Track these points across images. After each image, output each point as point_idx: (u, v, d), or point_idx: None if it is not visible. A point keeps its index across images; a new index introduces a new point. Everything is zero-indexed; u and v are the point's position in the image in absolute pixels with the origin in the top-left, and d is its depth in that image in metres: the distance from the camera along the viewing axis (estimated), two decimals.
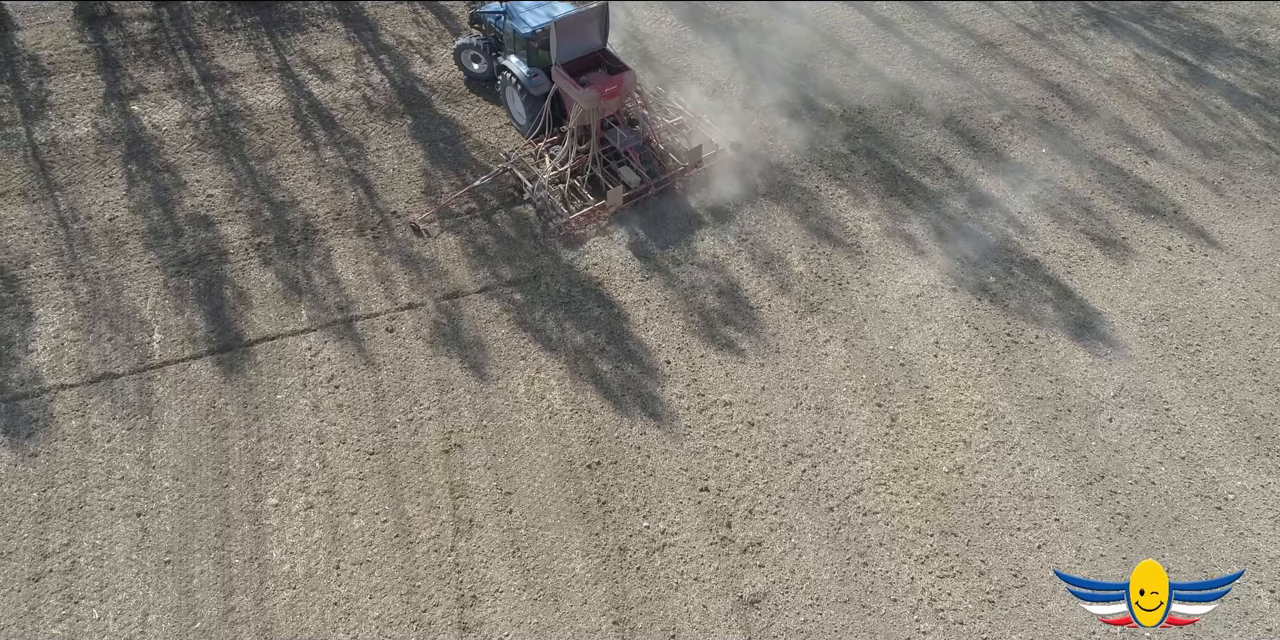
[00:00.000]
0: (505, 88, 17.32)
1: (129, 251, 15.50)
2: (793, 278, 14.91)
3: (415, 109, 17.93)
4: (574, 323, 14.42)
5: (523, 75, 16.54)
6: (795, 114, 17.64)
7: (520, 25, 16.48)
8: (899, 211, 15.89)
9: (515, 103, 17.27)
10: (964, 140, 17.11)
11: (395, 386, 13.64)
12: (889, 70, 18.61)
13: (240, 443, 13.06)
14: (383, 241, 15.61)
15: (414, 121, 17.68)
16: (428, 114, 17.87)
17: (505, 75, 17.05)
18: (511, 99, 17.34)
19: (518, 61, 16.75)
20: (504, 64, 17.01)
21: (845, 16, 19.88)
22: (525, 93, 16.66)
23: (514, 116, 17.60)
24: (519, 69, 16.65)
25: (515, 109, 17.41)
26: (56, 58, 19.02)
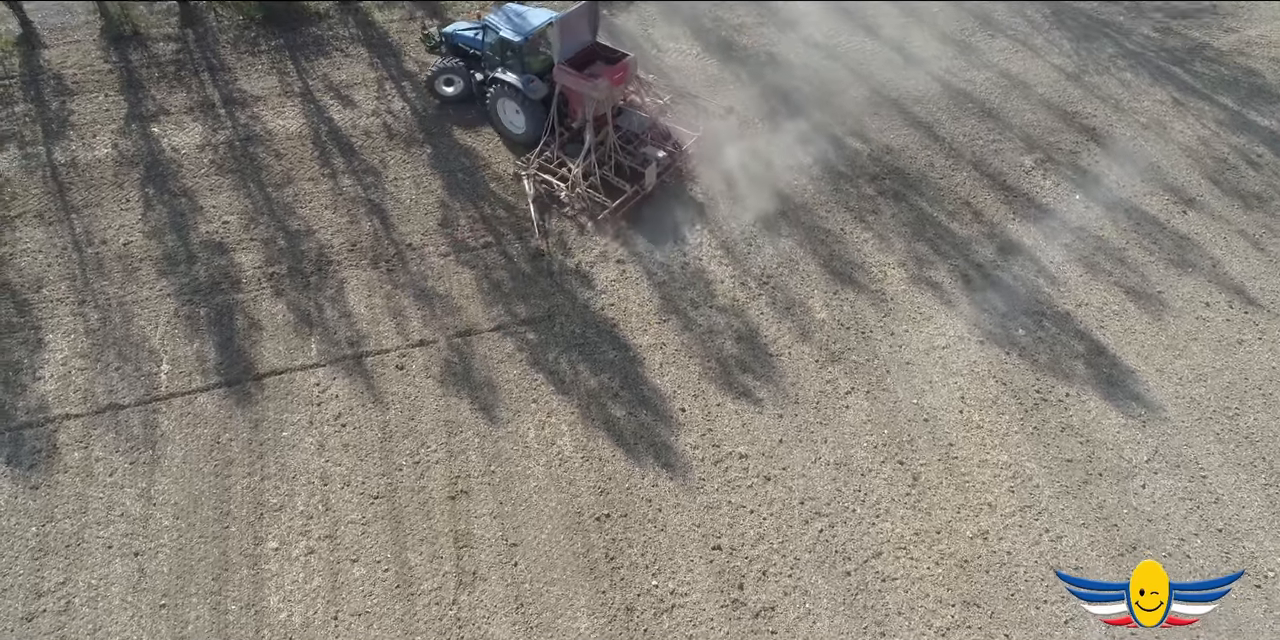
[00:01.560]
0: (496, 102, 17.18)
1: (142, 278, 15.34)
2: (814, 325, 14.49)
3: (435, 138, 17.74)
4: (588, 365, 14.07)
5: (519, 83, 16.57)
6: (821, 152, 17.27)
7: (510, 34, 16.48)
8: (926, 257, 15.45)
9: (510, 114, 17.21)
10: (994, 184, 16.68)
11: (403, 427, 13.32)
12: (918, 109, 18.22)
13: (243, 481, 12.77)
14: (396, 274, 15.36)
15: (433, 151, 17.48)
16: (447, 143, 17.67)
17: (496, 88, 16.97)
18: (504, 112, 17.26)
19: (508, 71, 16.80)
20: (495, 77, 16.92)
21: (874, 52, 19.53)
22: (525, 100, 16.67)
23: (508, 129, 17.48)
24: (512, 78, 16.67)
25: (511, 121, 17.32)
26: (81, 77, 19.03)
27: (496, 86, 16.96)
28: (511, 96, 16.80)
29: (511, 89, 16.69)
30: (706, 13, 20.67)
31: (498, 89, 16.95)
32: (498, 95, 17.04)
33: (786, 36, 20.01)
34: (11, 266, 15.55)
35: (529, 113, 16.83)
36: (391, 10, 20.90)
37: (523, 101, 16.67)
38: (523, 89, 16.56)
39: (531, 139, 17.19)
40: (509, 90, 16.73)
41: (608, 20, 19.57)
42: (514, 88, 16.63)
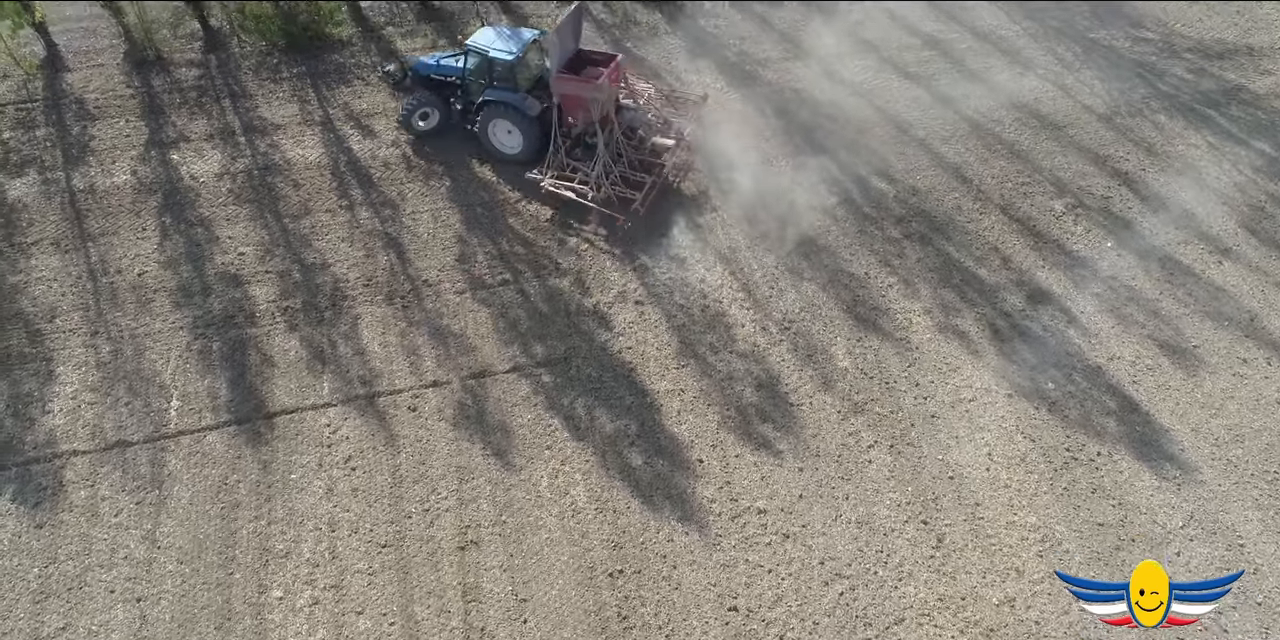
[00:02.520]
0: (488, 125, 17.05)
1: (155, 309, 15.18)
2: (836, 373, 14.13)
3: (454, 169, 17.57)
4: (604, 410, 13.74)
5: (516, 101, 16.55)
6: (846, 193, 16.97)
7: (499, 55, 16.44)
8: (952, 305, 15.07)
9: (502, 136, 17.13)
10: (1023, 229, 16.30)
11: (414, 472, 13.03)
12: (946, 149, 17.90)
13: (249, 525, 12.50)
14: (411, 311, 15.13)
15: (452, 184, 17.30)
16: (467, 176, 17.49)
17: (488, 110, 16.87)
18: (495, 134, 17.17)
19: (499, 92, 16.75)
20: (486, 100, 16.80)
21: (901, 90, 19.25)
22: (521, 117, 16.66)
23: (501, 152, 17.36)
24: (507, 97, 16.67)
25: (503, 142, 17.23)
26: (102, 102, 19.03)
27: (488, 109, 16.88)
28: (506, 116, 16.77)
29: (506, 109, 16.68)
30: (731, 47, 20.49)
31: (489, 111, 16.87)
32: (489, 118, 16.93)
33: (811, 72, 19.76)
34: (26, 295, 15.45)
35: (525, 130, 16.85)
36: (414, 38, 20.86)
37: (518, 120, 16.72)
38: (521, 107, 16.63)
39: (528, 157, 17.20)
40: (503, 110, 16.71)
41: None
42: (509, 107, 16.65)
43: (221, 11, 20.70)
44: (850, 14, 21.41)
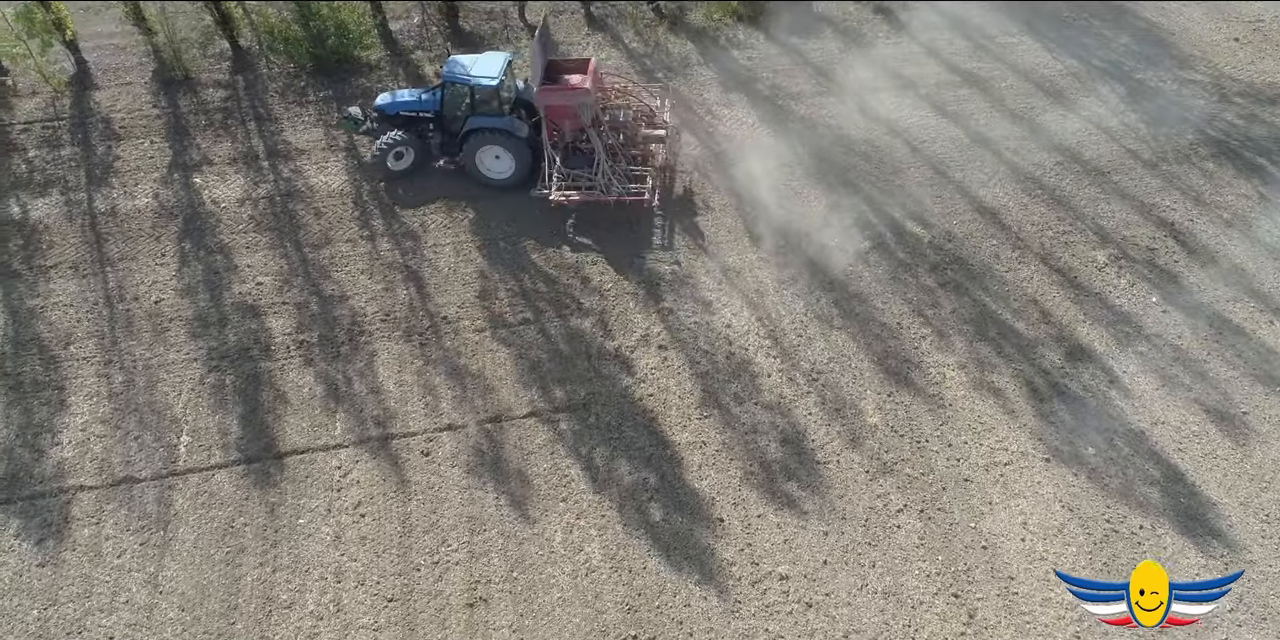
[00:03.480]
0: (475, 153, 16.87)
1: (170, 339, 14.94)
2: (865, 430, 13.58)
3: (478, 201, 17.24)
4: (623, 461, 13.27)
5: (505, 124, 16.52)
6: (879, 237, 16.44)
7: (482, 82, 16.38)
8: (988, 360, 14.48)
9: (490, 162, 17.00)
10: (1064, 280, 15.68)
11: (424, 521, 12.62)
12: (984, 193, 17.34)
13: (254, 572, 12.14)
14: (429, 349, 14.77)
15: (475, 216, 16.97)
16: (491, 207, 17.15)
17: (475, 138, 16.69)
18: (483, 162, 17.01)
19: (484, 118, 16.61)
20: (473, 128, 16.62)
21: (939, 129, 18.71)
22: (510, 140, 16.59)
23: (491, 178, 17.18)
24: (494, 122, 16.58)
25: (490, 168, 17.08)
26: (129, 122, 18.94)
27: (476, 137, 16.70)
28: (495, 141, 16.67)
29: (495, 133, 16.59)
30: (764, 80, 20.06)
31: (477, 139, 16.71)
32: (476, 145, 16.77)
33: (846, 108, 19.28)
34: (43, 319, 15.28)
35: (516, 153, 16.79)
36: (442, 62, 20.62)
37: (510, 143, 16.65)
38: (512, 130, 16.60)
39: (519, 180, 17.07)
40: (491, 136, 16.61)
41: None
42: (498, 131, 16.57)
43: (251, 32, 20.62)
44: (888, 48, 20.98)
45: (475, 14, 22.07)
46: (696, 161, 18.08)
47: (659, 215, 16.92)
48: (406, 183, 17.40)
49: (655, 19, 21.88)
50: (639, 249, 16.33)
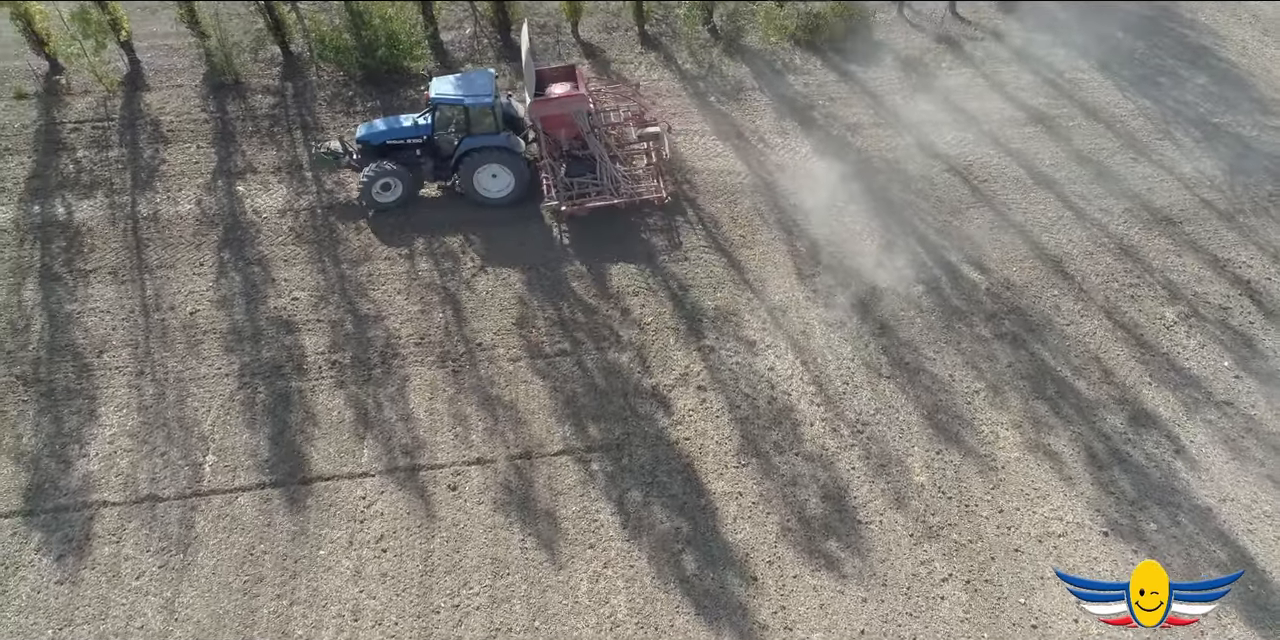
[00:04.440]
0: (473, 174, 16.54)
1: (203, 352, 14.75)
2: (911, 489, 12.93)
3: (523, 222, 16.86)
4: (656, 507, 12.76)
5: (503, 142, 16.28)
6: (934, 281, 15.75)
7: (476, 101, 16.00)
8: (1045, 420, 13.74)
9: (488, 181, 16.70)
10: (1129, 338, 14.87)
11: (447, 560, 12.23)
12: (1046, 239, 16.56)
13: (271, 604, 11.83)
14: (463, 377, 14.40)
15: (518, 238, 16.58)
16: (533, 230, 16.77)
17: (471, 159, 16.38)
18: (480, 181, 16.68)
19: (480, 138, 16.31)
20: (469, 149, 16.30)
21: (1002, 168, 17.96)
22: (510, 157, 16.27)
23: (489, 198, 16.83)
24: (492, 141, 16.27)
25: (492, 187, 16.78)
26: (177, 125, 18.88)
27: (473, 157, 16.38)
28: (493, 159, 16.39)
29: (493, 151, 16.32)
30: (821, 108, 19.47)
31: (474, 159, 16.40)
32: (473, 166, 16.45)
33: (904, 141, 18.62)
34: (79, 325, 15.18)
35: (515, 170, 16.54)
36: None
37: (510, 160, 16.41)
38: (510, 146, 16.39)
39: (519, 196, 16.81)
40: (489, 154, 16.33)
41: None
42: (496, 149, 16.31)
43: (303, 39, 20.50)
44: (951, 79, 20.25)
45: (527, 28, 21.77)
46: (746, 190, 17.57)
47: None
48: (433, 204, 17.12)
49: (711, 40, 21.42)
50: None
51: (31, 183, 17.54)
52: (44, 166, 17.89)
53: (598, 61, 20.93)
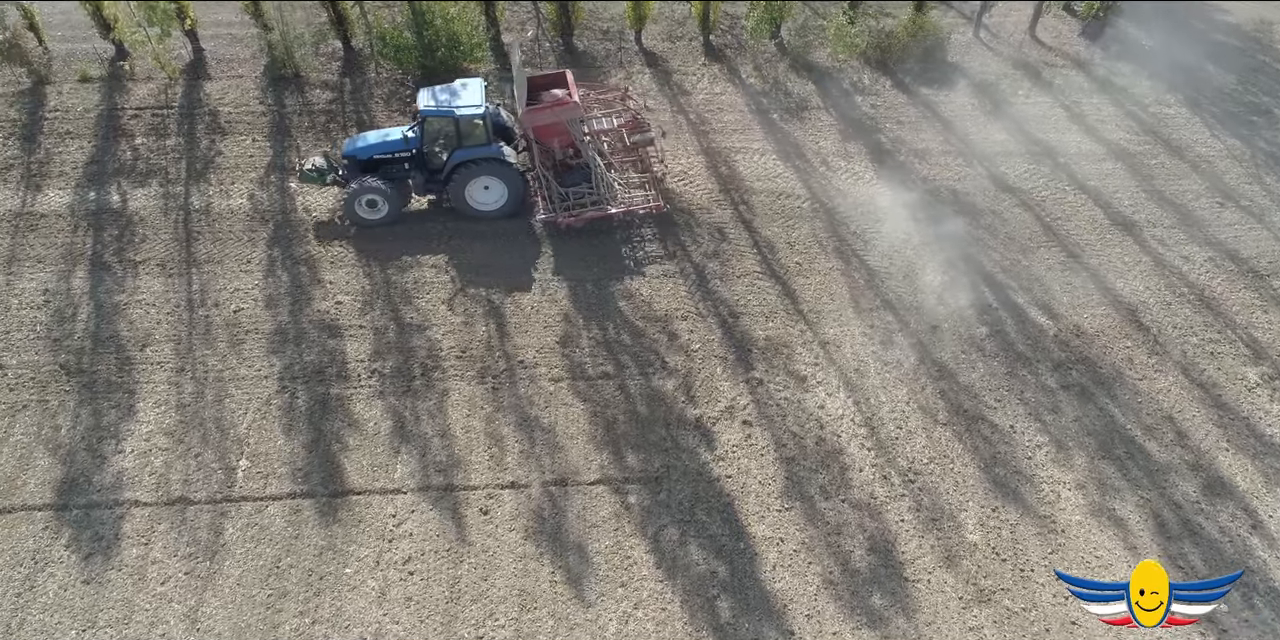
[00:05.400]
0: (464, 187, 16.14)
1: (245, 352, 14.58)
2: (963, 548, 12.25)
3: (572, 237, 16.42)
4: (693, 547, 12.25)
5: (495, 153, 15.93)
6: (998, 323, 15.01)
7: (468, 112, 15.51)
8: (1111, 482, 12.95)
9: (480, 194, 16.31)
10: (1207, 398, 13.99)
11: (473, 589, 11.87)
12: (1121, 284, 15.70)
13: (293, 621, 11.56)
14: (502, 394, 14.04)
15: (569, 251, 16.14)
16: (582, 245, 16.30)
17: (463, 172, 15.96)
18: (472, 196, 16.28)
19: (471, 150, 15.88)
20: (461, 161, 15.89)
21: (1077, 206, 17.10)
22: (502, 168, 15.98)
23: (481, 210, 16.43)
24: (485, 152, 15.91)
25: (483, 200, 16.40)
26: (234, 116, 18.81)
27: (465, 169, 15.95)
28: (485, 172, 15.98)
29: (486, 163, 15.91)
30: (888, 131, 18.76)
31: (466, 172, 15.96)
32: (466, 179, 16.02)
33: (974, 171, 17.85)
34: (125, 317, 15.12)
35: (508, 181, 16.14)
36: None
37: (503, 172, 16.01)
38: (503, 158, 16.01)
39: (513, 208, 16.43)
40: (482, 166, 15.92)
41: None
42: (489, 160, 15.90)
43: (364, 35, 20.32)
44: (1028, 108, 19.39)
45: (590, 33, 21.37)
46: (805, 215, 16.95)
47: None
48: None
49: (777, 54, 20.79)
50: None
51: (89, 168, 17.59)
52: (102, 152, 17.95)
53: (659, 71, 20.45)
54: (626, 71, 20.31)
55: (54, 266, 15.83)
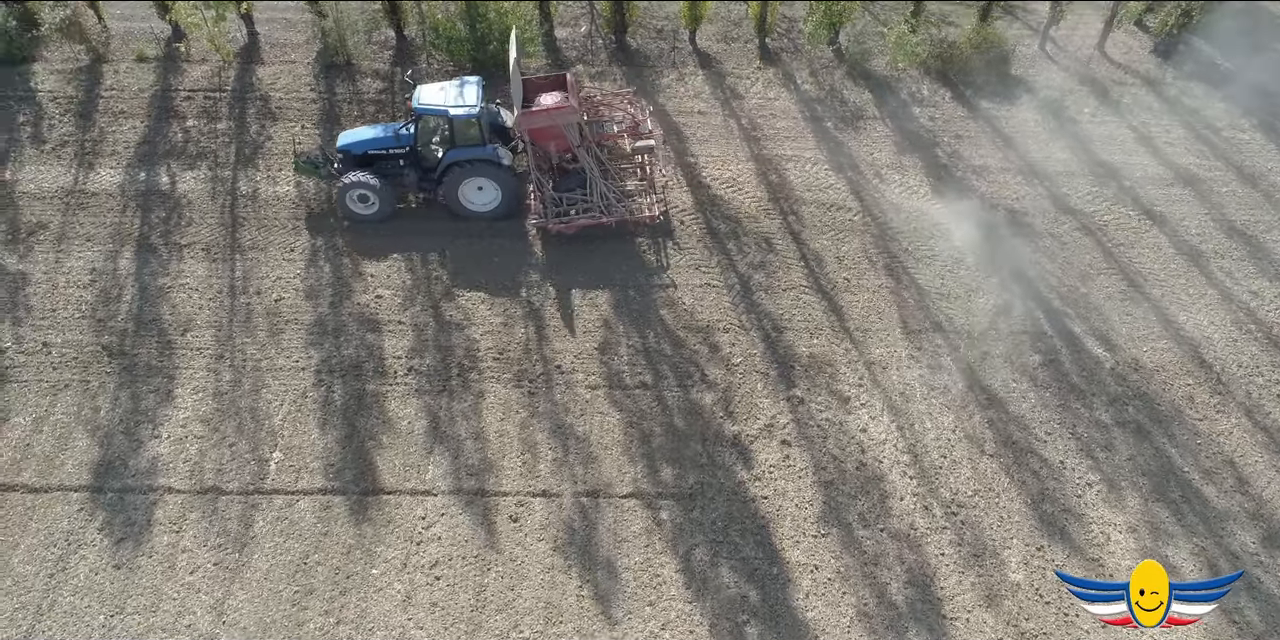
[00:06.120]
0: (457, 188, 15.86)
1: (284, 342, 14.54)
2: (1005, 587, 11.83)
3: (615, 240, 16.18)
4: (725, 569, 11.98)
5: (489, 154, 15.59)
6: (1053, 352, 14.47)
7: (461, 113, 15.31)
8: (1165, 527, 12.43)
9: (473, 194, 16.04)
10: (1271, 443, 13.36)
11: (499, 598, 11.72)
12: (1184, 318, 15.06)
13: (317, 620, 11.51)
14: (538, 400, 13.84)
15: (610, 254, 15.84)
16: (626, 250, 16.01)
17: (456, 172, 15.69)
18: (465, 195, 16.02)
19: (465, 150, 15.57)
20: (454, 161, 15.60)
21: (1141, 232, 16.42)
22: (496, 170, 15.71)
23: (474, 211, 16.19)
24: (478, 153, 15.60)
25: (476, 201, 16.14)
26: (284, 102, 18.75)
27: (458, 170, 15.67)
28: (478, 173, 15.73)
29: (479, 164, 15.65)
30: (945, 145, 18.20)
31: (458, 172, 15.69)
32: (458, 179, 15.75)
33: (1034, 191, 17.23)
34: (168, 301, 15.16)
35: (502, 183, 15.86)
36: (602, 80, 19.62)
37: (496, 174, 15.74)
38: (497, 160, 15.68)
39: (507, 210, 16.14)
40: (475, 167, 15.66)
41: None
42: (483, 162, 15.62)
43: (418, 25, 20.16)
44: (1093, 127, 18.69)
45: (644, 31, 20.98)
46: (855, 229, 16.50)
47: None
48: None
49: (835, 61, 20.26)
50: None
51: (141, 148, 17.65)
52: (154, 132, 17.99)
53: (712, 73, 20.01)
54: (679, 72, 19.92)
55: (102, 246, 15.93)
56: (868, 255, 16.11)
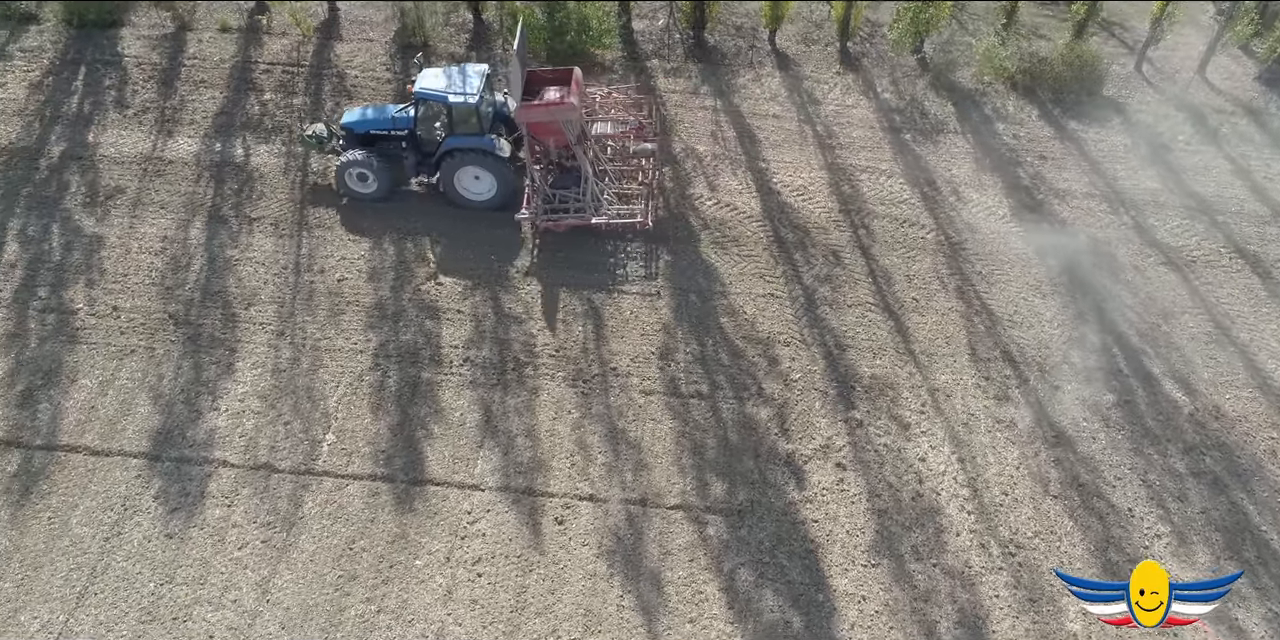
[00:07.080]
0: (453, 175, 15.64)
1: (343, 324, 14.58)
2: (1062, 636, 11.36)
3: (682, 244, 15.85)
4: (769, 593, 11.72)
5: (486, 144, 15.37)
6: (1128, 392, 13.86)
7: (458, 100, 15.04)
8: (1237, 588, 11.80)
9: (469, 182, 15.87)
10: None
11: (539, 601, 11.64)
12: (1273, 366, 14.29)
13: (358, 607, 11.55)
14: (591, 401, 13.67)
15: (672, 259, 15.62)
16: (688, 254, 15.72)
17: (453, 159, 15.45)
18: (461, 183, 15.83)
19: (463, 138, 15.36)
20: (451, 148, 15.36)
21: (1232, 270, 15.62)
22: (492, 160, 15.50)
23: (470, 200, 16.02)
24: (475, 142, 15.36)
25: (469, 189, 15.98)
26: (360, 81, 18.77)
27: (454, 158, 15.44)
28: (474, 162, 15.50)
29: (474, 154, 15.38)
30: (1028, 165, 17.52)
31: (455, 160, 15.47)
32: (455, 166, 15.55)
33: (1119, 220, 16.50)
34: (234, 273, 15.29)
35: (497, 173, 15.62)
36: (676, 77, 19.27)
37: (492, 164, 15.50)
38: (493, 150, 15.40)
39: (503, 201, 15.86)
40: (471, 156, 15.41)
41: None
42: (479, 151, 15.35)
43: (496, 10, 19.99)
44: (1187, 157, 17.82)
45: (723, 28, 20.53)
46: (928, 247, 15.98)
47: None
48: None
49: (918, 70, 19.61)
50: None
51: (218, 119, 17.80)
52: (232, 104, 18.13)
53: (789, 75, 19.51)
54: (755, 72, 19.46)
55: (174, 214, 16.13)
56: (939, 275, 15.59)
